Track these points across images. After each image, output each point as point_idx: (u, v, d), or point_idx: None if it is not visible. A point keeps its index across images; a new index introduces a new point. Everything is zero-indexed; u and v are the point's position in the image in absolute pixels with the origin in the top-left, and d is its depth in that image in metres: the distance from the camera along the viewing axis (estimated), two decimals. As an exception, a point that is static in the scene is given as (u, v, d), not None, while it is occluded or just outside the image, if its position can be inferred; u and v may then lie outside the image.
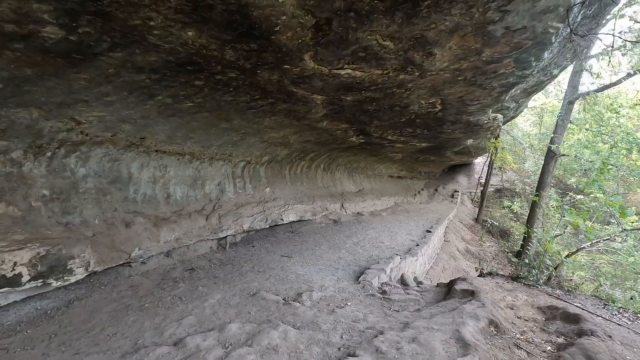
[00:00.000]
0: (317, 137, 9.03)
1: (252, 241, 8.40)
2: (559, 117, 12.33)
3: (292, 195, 10.79)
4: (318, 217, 11.46)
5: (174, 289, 4.80)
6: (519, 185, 19.66)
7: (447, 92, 5.46)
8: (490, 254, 13.73)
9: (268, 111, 5.85)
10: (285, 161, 10.53)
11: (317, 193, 12.29)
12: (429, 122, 8.20)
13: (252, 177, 9.09)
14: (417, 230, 11.49)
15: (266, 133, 7.36)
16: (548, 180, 12.44)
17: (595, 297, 4.94)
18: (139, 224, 5.39)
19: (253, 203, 8.72)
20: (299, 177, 11.71)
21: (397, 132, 9.61)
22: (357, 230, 10.65)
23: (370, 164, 16.08)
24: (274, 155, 9.52)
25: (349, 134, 9.15)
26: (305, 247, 8.19)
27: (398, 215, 14.01)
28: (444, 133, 9.57)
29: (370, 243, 9.19)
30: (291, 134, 8.01)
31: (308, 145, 9.76)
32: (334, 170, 13.87)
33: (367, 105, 6.08)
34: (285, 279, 5.46)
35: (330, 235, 9.70)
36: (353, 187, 15.13)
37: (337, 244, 8.76)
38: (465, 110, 6.98)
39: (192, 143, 6.26)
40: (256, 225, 8.47)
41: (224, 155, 7.52)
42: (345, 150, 12.16)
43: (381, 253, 8.28)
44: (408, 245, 9.35)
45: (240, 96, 4.82)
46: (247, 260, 6.68)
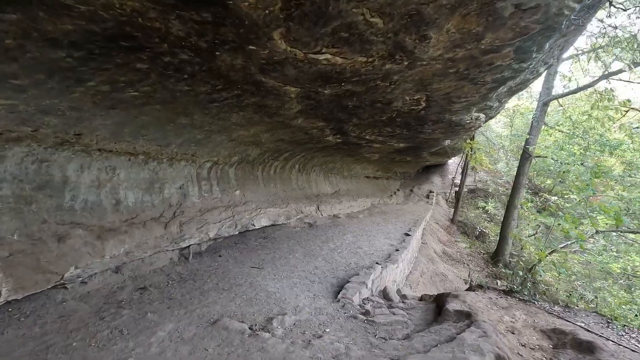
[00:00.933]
0: (291, 136, 8.26)
1: (219, 250, 7.52)
2: (534, 118, 12.17)
3: (265, 198, 9.97)
4: (292, 220, 10.68)
5: (115, 318, 3.90)
6: (492, 186, 19.67)
7: (434, 87, 4.84)
8: (466, 255, 13.43)
9: (235, 105, 5.03)
10: (257, 161, 9.69)
11: (291, 195, 11.50)
12: (409, 122, 7.61)
13: (220, 179, 8.20)
14: (396, 233, 10.94)
15: (234, 131, 6.52)
16: (523, 181, 12.26)
17: (596, 313, 4.46)
18: (76, 237, 4.43)
19: (221, 207, 7.84)
20: (273, 178, 10.89)
21: (375, 132, 8.98)
22: (333, 234, 9.96)
23: (347, 165, 15.45)
24: (245, 155, 8.67)
25: (325, 132, 8.43)
26: (279, 256, 7.41)
27: (375, 217, 13.46)
28: (423, 133, 9.04)
29: (347, 249, 8.53)
30: (263, 132, 7.19)
31: (282, 144, 8.97)
32: (309, 171, 13.14)
33: (346, 101, 5.37)
34: (253, 299, 4.66)
35: (305, 241, 8.96)
36: (329, 189, 14.45)
37: (313, 251, 8.03)
38: (449, 109, 6.41)
39: (145, 141, 5.34)
40: (224, 232, 7.60)
41: (186, 155, 6.61)
42: (322, 150, 11.46)
43: (360, 260, 7.63)
44: (387, 250, 8.76)
45: (199, 86, 3.98)
46: (211, 274, 5.82)
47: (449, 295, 4.38)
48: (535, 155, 12.58)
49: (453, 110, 6.52)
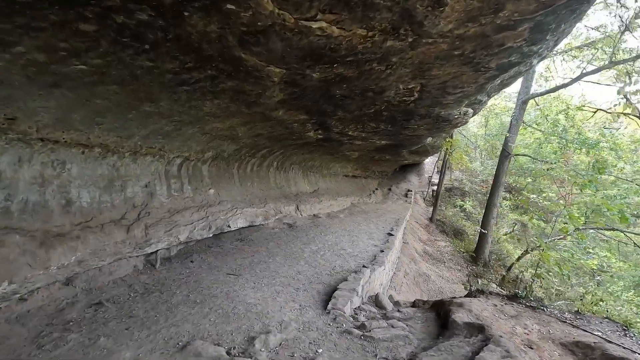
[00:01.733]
0: (270, 131, 7.60)
1: (191, 254, 6.75)
2: (513, 117, 12.10)
3: (241, 198, 9.24)
4: (271, 221, 10.00)
5: (58, 346, 3.12)
6: (468, 185, 19.74)
7: (433, 73, 4.34)
8: (447, 254, 13.21)
9: (208, 91, 4.33)
10: (233, 158, 8.94)
11: (269, 194, 10.81)
12: (396, 116, 7.14)
13: (192, 177, 7.41)
14: (378, 233, 10.49)
15: (208, 123, 5.79)
16: (502, 179, 12.16)
17: (608, 319, 4.10)
18: (12, 246, 3.60)
19: (193, 208, 7.07)
20: (249, 176, 10.17)
21: (359, 127, 8.47)
22: (315, 235, 9.37)
23: (326, 163, 14.91)
24: (220, 151, 7.91)
25: (307, 127, 7.83)
26: (257, 260, 6.73)
27: (356, 216, 12.98)
28: (408, 129, 8.61)
29: (331, 251, 7.96)
30: (240, 126, 6.49)
31: (260, 140, 8.28)
32: (287, 169, 12.48)
33: (335, 89, 4.78)
34: (231, 314, 3.98)
35: (285, 243, 8.31)
36: (308, 187, 13.84)
37: (295, 254, 7.40)
38: (441, 102, 5.97)
39: (102, 131, 4.54)
40: (196, 234, 6.84)
41: (152, 149, 5.82)
42: (301, 147, 10.84)
43: (345, 263, 7.08)
44: (372, 251, 8.27)
45: (165, 62, 3.27)
46: (181, 284, 5.07)
47: (452, 304, 3.90)
48: (515, 154, 12.55)
49: (444, 103, 6.08)
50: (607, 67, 9.76)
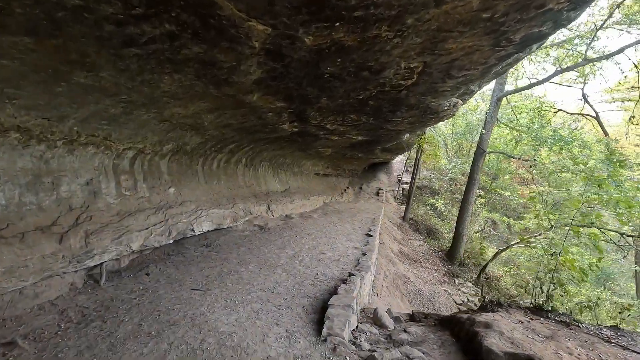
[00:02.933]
0: (241, 121, 6.60)
1: (146, 265, 5.60)
2: (487, 114, 11.89)
3: (207, 197, 8.12)
4: (240, 223, 8.96)
5: None
6: (437, 183, 19.66)
7: (446, 46, 3.60)
8: (422, 253, 12.78)
9: (167, 59, 3.31)
10: (198, 153, 7.81)
11: (238, 193, 9.75)
12: (382, 106, 6.41)
13: (147, 173, 6.24)
14: (356, 234, 9.76)
15: (167, 106, 4.72)
16: (477, 177, 11.92)
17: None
18: None
19: (149, 210, 5.91)
20: (216, 173, 9.05)
21: (338, 120, 7.68)
22: (289, 238, 8.44)
23: (297, 160, 14.02)
24: (182, 144, 6.79)
25: (282, 118, 6.91)
26: (228, 269, 5.71)
27: (330, 216, 12.19)
28: (391, 122, 7.92)
29: (309, 255, 7.09)
30: (206, 112, 5.45)
31: (228, 132, 7.25)
32: (257, 166, 11.45)
33: (326, 65, 3.91)
34: (199, 351, 2.99)
35: (258, 248, 7.33)
36: (279, 186, 12.87)
37: (270, 260, 6.45)
38: (436, 89, 5.29)
39: (18, 109, 3.36)
40: (154, 241, 5.70)
41: (95, 137, 4.64)
42: (273, 142, 9.88)
43: (327, 269, 6.24)
44: (353, 255, 7.50)
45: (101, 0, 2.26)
46: (132, 307, 3.97)
47: (475, 323, 3.17)
48: (489, 151, 12.36)
49: (440, 91, 5.42)
50: (582, 64, 9.73)
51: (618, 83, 17.44)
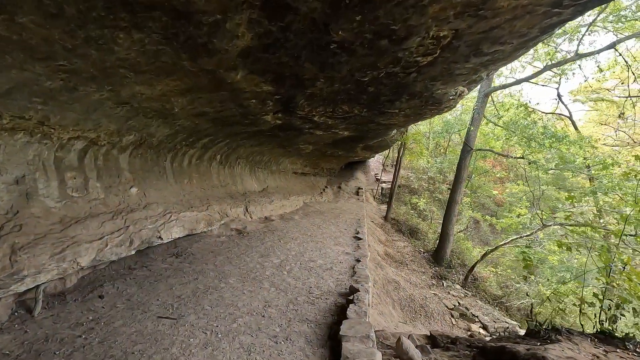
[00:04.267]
0: (218, 109, 5.58)
1: (101, 284, 4.46)
2: (475, 110, 11.47)
3: (177, 198, 6.99)
4: (216, 227, 7.87)
5: None
6: (415, 182, 19.27)
7: (495, 5, 2.81)
8: (407, 255, 12.18)
9: (120, 4, 2.31)
10: (166, 147, 6.69)
11: (213, 194, 8.64)
12: (382, 93, 5.60)
13: (102, 170, 5.08)
14: (344, 237, 8.94)
15: (126, 83, 3.66)
16: (464, 175, 11.47)
17: None
18: None
19: (104, 215, 4.76)
20: (187, 171, 7.92)
21: (328, 111, 6.83)
22: (273, 243, 7.47)
23: (276, 158, 13.01)
24: (147, 135, 5.66)
25: (267, 107, 5.97)
26: (204, 286, 4.69)
27: (313, 218, 11.29)
28: (385, 115, 7.14)
29: (297, 264, 6.18)
30: (177, 94, 4.40)
31: (203, 123, 6.19)
32: (233, 163, 10.35)
33: (339, 27, 3.01)
34: None
35: (238, 257, 6.31)
36: (256, 186, 11.81)
37: (253, 272, 5.48)
38: (453, 71, 4.52)
39: None
40: (110, 254, 4.57)
41: (25, 120, 3.48)
42: (251, 137, 8.87)
43: (321, 281, 5.37)
44: (346, 261, 6.67)
45: None
46: (73, 353, 2.89)
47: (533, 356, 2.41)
48: (477, 149, 11.96)
49: (455, 74, 4.68)
50: (572, 60, 9.47)
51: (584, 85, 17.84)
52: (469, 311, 9.47)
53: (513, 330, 8.83)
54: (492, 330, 8.71)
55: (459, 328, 8.73)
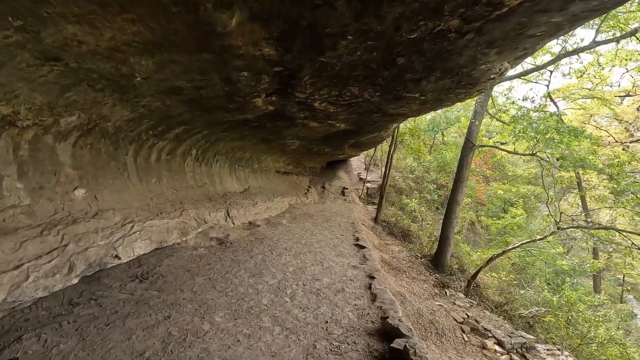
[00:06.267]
0: (197, 84, 4.14)
1: (19, 336, 2.90)
2: (477, 102, 10.55)
3: (142, 203, 5.44)
4: (192, 237, 6.35)
5: None
6: (401, 182, 18.32)
7: None
8: (404, 261, 11.07)
9: None
10: (128, 136, 5.13)
11: (187, 196, 7.10)
12: (412, 67, 4.39)
13: (27, 165, 3.50)
14: (344, 245, 7.66)
15: (50, 17, 2.18)
16: (466, 174, 10.52)
17: None
18: None
19: (26, 230, 3.20)
20: (156, 169, 6.36)
21: (334, 94, 5.54)
22: (263, 257, 6.05)
23: (258, 155, 11.52)
24: (97, 118, 4.11)
25: (261, 84, 4.61)
26: (179, 331, 3.24)
27: (302, 222, 9.91)
28: (401, 100, 5.92)
29: (301, 285, 4.84)
30: (140, 51, 2.95)
31: (175, 103, 4.71)
32: (211, 160, 8.81)
33: None
34: None
35: (223, 277, 4.86)
36: (237, 186, 10.29)
37: (246, 301, 4.07)
38: (525, 30, 3.37)
39: None
40: (31, 290, 3.02)
41: None
42: (234, 129, 7.41)
43: (335, 310, 4.08)
44: (357, 278, 5.41)
45: None
46: None
47: None
48: (480, 145, 11.05)
49: (524, 36, 3.54)
50: (589, 48, 8.71)
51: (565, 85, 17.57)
52: (479, 324, 8.45)
53: (531, 345, 7.90)
54: (509, 347, 7.72)
55: (473, 345, 7.69)
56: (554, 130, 8.43)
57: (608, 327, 8.82)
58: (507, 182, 19.14)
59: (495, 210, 18.93)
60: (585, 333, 8.39)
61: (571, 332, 8.59)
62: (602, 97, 13.55)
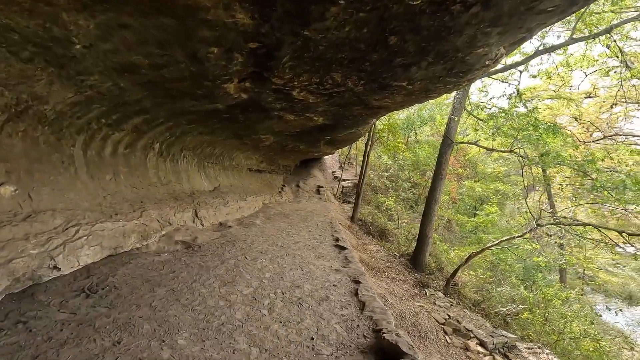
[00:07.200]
0: (157, 60, 3.47)
1: None
2: (456, 98, 10.37)
3: (93, 202, 4.65)
4: (154, 240, 5.59)
5: None
6: (376, 180, 18.08)
7: None
8: (382, 261, 10.72)
9: None
10: (73, 124, 4.33)
11: (150, 195, 6.30)
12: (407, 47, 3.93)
13: None
14: (323, 246, 7.14)
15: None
16: (444, 171, 10.31)
17: None
18: None
19: None
20: (111, 164, 5.54)
21: (315, 81, 5.01)
22: (236, 261, 5.41)
23: (229, 151, 10.75)
24: (29, 99, 3.33)
25: (233, 63, 4.00)
26: (131, 356, 2.58)
27: (277, 222, 9.29)
28: (386, 90, 5.47)
29: (280, 294, 4.26)
30: (76, 5, 2.26)
31: (132, 86, 4.00)
32: (177, 156, 8.00)
33: None
34: None
35: (189, 287, 4.19)
36: (206, 184, 9.50)
37: (216, 317, 3.45)
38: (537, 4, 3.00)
39: None
40: None
41: None
42: (202, 121, 6.71)
43: (322, 324, 3.56)
44: (341, 284, 4.91)
45: None
46: None
47: None
48: (458, 142, 10.89)
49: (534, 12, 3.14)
50: (566, 44, 8.72)
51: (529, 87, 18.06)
52: (461, 325, 8.21)
53: (512, 344, 7.74)
54: (491, 347, 7.51)
55: (456, 347, 7.42)
56: (531, 127, 8.35)
57: (582, 322, 8.88)
58: (478, 180, 19.36)
59: (466, 208, 19.16)
60: (562, 329, 8.37)
61: (548, 328, 8.56)
62: (569, 97, 13.90)
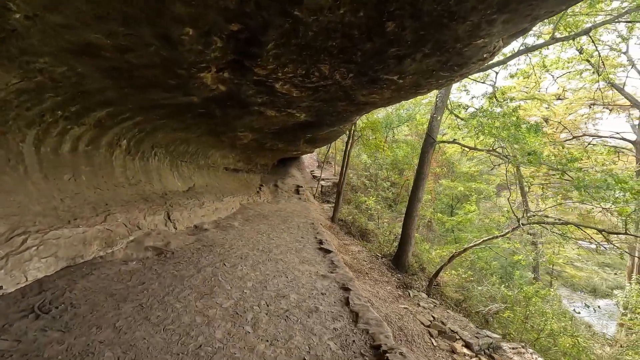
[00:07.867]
0: (121, 41, 2.96)
1: None
2: (438, 97, 10.25)
3: (46, 206, 4.04)
4: (120, 247, 5.00)
5: None
6: (355, 180, 17.86)
7: None
8: (365, 262, 10.47)
9: None
10: (22, 116, 3.72)
11: (116, 196, 5.68)
12: (403, 36, 3.61)
13: None
14: (307, 249, 6.75)
15: None
16: (426, 170, 10.17)
17: None
18: None
19: None
20: (70, 162, 4.91)
21: (300, 72, 4.63)
22: (214, 269, 4.92)
23: (204, 149, 10.15)
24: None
25: (211, 49, 3.57)
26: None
27: (256, 224, 8.80)
28: (376, 84, 5.15)
29: (264, 307, 3.85)
30: None
31: (92, 72, 3.46)
32: (147, 154, 7.37)
33: None
34: None
35: (160, 302, 3.68)
36: (180, 184, 8.87)
37: (192, 338, 2.99)
38: None
39: None
40: None
41: None
42: (175, 116, 6.16)
43: (314, 341, 3.20)
44: (329, 292, 4.56)
45: None
46: None
47: None
48: (440, 141, 10.79)
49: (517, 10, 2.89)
50: (549, 43, 8.76)
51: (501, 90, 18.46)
52: (446, 326, 8.06)
53: (497, 345, 7.66)
54: (477, 348, 7.40)
55: (442, 350, 7.25)
56: (513, 127, 8.33)
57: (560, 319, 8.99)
58: (455, 179, 19.56)
59: (442, 207, 19.33)
60: (542, 327, 8.42)
61: (528, 326, 8.60)
62: (542, 98, 14.22)
